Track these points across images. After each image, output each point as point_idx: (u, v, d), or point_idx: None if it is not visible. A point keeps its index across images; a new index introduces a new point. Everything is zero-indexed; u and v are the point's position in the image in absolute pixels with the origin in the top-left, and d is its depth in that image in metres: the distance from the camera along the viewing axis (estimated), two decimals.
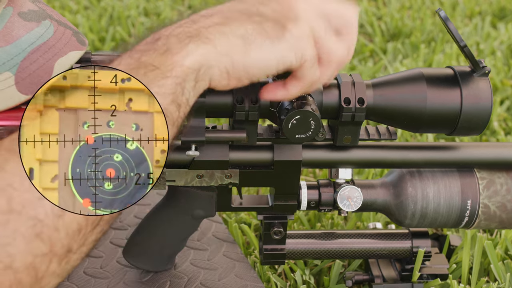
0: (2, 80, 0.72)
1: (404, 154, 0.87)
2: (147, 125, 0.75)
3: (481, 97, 0.81)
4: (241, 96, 0.79)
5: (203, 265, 0.97)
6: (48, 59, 0.74)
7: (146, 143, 0.75)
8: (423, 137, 1.38)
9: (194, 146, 0.80)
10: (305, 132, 0.79)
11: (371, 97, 0.81)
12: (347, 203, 0.88)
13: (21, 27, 0.74)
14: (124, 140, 0.75)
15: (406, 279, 0.97)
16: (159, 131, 0.76)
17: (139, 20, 1.83)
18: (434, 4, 2.06)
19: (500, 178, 0.88)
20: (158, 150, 0.76)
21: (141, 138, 0.76)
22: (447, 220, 0.89)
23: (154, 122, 0.76)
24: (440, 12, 0.78)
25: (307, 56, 0.70)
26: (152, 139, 0.76)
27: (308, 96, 0.79)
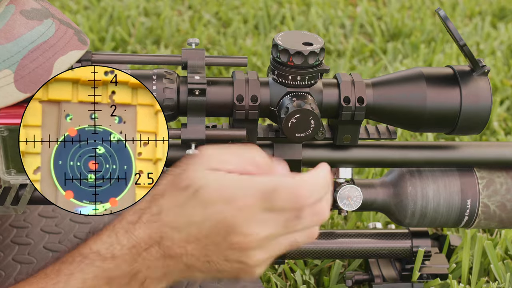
0: (2, 78, 0.72)
1: (404, 153, 0.87)
2: (131, 118, 0.76)
3: (481, 96, 0.81)
4: (241, 95, 0.79)
5: None
6: (48, 58, 0.74)
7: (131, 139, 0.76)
8: (423, 136, 1.38)
9: (194, 145, 0.80)
10: (305, 131, 0.79)
11: (371, 96, 0.81)
12: (347, 202, 0.88)
13: (22, 25, 0.74)
14: (107, 133, 0.76)
15: (406, 278, 0.97)
16: (143, 124, 0.77)
17: (139, 20, 1.83)
18: (434, 4, 2.06)
19: (500, 178, 0.88)
20: (141, 143, 0.76)
21: (126, 135, 0.77)
22: (447, 219, 0.89)
23: (138, 115, 0.77)
24: (440, 12, 0.78)
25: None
26: (136, 135, 0.77)
27: (308, 95, 0.80)
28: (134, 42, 1.74)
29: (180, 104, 0.79)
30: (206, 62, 0.80)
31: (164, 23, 1.81)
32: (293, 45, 0.78)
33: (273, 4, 1.99)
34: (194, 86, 0.78)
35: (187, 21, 1.87)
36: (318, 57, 0.78)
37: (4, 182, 0.80)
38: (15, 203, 0.82)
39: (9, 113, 0.74)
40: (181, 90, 0.79)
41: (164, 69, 0.80)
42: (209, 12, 1.93)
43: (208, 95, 0.79)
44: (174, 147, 0.82)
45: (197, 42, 0.81)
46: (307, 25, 1.85)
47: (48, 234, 1.05)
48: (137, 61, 0.81)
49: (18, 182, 0.79)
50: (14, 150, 0.76)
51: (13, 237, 1.05)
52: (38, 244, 1.03)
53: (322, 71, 0.80)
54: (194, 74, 0.78)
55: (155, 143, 0.77)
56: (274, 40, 0.79)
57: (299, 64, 0.78)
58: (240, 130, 0.81)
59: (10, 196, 0.82)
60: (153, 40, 1.77)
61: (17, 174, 0.78)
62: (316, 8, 1.94)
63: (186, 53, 0.80)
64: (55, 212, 1.09)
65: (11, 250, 1.02)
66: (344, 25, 1.90)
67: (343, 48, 1.76)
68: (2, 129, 0.75)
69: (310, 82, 0.80)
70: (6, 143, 0.76)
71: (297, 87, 0.80)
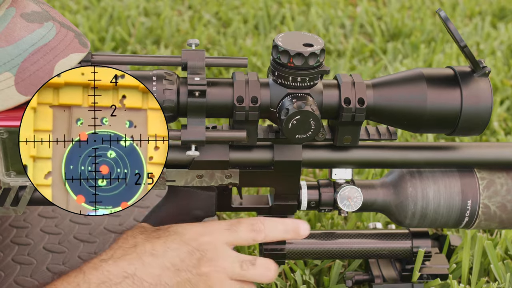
0: (2, 81, 0.72)
1: (404, 154, 0.87)
2: (141, 122, 0.76)
3: (481, 97, 0.81)
4: (241, 96, 0.79)
5: None
6: (49, 61, 0.74)
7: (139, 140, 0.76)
8: (423, 137, 1.38)
9: (194, 146, 0.80)
10: (305, 132, 0.79)
11: (371, 97, 0.81)
12: (347, 203, 0.88)
13: (23, 28, 0.74)
14: (118, 137, 0.76)
15: (406, 279, 0.97)
16: (153, 129, 0.76)
17: (139, 20, 1.83)
18: (434, 4, 2.06)
19: (500, 178, 0.88)
20: (152, 147, 0.77)
21: (136, 136, 0.76)
22: (447, 220, 0.89)
23: (148, 119, 0.77)
24: (440, 12, 0.78)
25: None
26: (147, 139, 0.77)
27: (308, 96, 0.79)
28: (134, 42, 1.74)
29: (180, 105, 0.79)
30: (206, 63, 0.80)
31: (164, 23, 1.81)
32: (293, 46, 0.78)
33: (273, 4, 1.99)
34: (194, 87, 0.78)
35: (187, 21, 1.87)
36: (318, 58, 0.78)
37: (4, 184, 0.80)
38: (15, 204, 0.82)
39: (8, 115, 0.74)
40: (181, 91, 0.79)
41: (164, 70, 0.80)
42: (209, 12, 1.93)
43: (208, 96, 0.79)
44: (174, 148, 0.82)
45: (197, 43, 0.81)
46: (307, 25, 1.85)
47: (48, 234, 1.05)
48: (137, 62, 0.81)
49: (18, 184, 0.79)
50: (14, 152, 0.76)
51: (13, 237, 1.05)
52: (38, 244, 1.03)
53: (323, 72, 0.80)
54: (194, 75, 0.78)
55: (166, 147, 0.77)
56: (274, 41, 0.79)
57: (300, 65, 0.78)
58: (240, 132, 0.81)
59: (10, 197, 0.82)
60: (153, 40, 1.77)
61: (17, 176, 0.78)
62: (316, 8, 1.94)
63: (186, 54, 0.79)
64: (55, 212, 1.09)
65: (11, 250, 1.02)
66: (344, 25, 1.89)
67: (343, 48, 1.76)
68: (1, 131, 0.75)
69: (310, 83, 0.80)
70: (6, 145, 0.76)
71: (298, 88, 0.80)
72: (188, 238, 0.79)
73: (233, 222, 0.82)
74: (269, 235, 0.83)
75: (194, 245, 0.79)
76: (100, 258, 0.77)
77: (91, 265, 0.76)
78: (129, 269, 0.76)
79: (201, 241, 0.79)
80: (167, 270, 0.77)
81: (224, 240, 0.80)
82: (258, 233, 0.82)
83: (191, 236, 0.79)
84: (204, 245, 0.79)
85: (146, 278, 0.76)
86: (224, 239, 0.80)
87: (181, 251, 0.78)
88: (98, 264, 0.76)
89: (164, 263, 0.77)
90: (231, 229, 0.81)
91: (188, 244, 0.79)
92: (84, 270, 0.76)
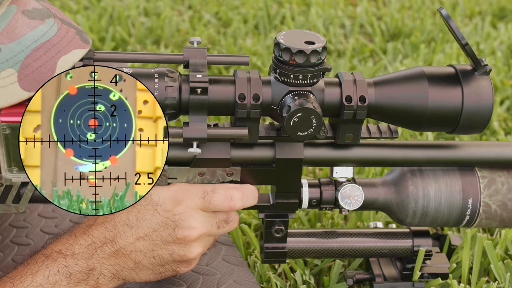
0: (5, 77, 0.72)
1: (406, 152, 0.87)
2: (130, 77, 0.77)
3: (483, 95, 0.81)
4: (243, 94, 0.79)
5: (202, 271, 0.96)
6: (51, 57, 0.74)
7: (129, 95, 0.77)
8: (423, 136, 1.38)
9: (196, 143, 0.80)
10: (306, 130, 0.79)
11: (372, 95, 0.81)
12: (348, 201, 0.88)
13: (24, 24, 0.74)
14: (107, 91, 0.76)
15: (407, 278, 0.97)
16: (142, 83, 0.77)
17: (139, 20, 1.83)
18: (434, 4, 2.06)
19: (501, 177, 0.88)
20: (141, 100, 0.77)
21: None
22: (448, 219, 0.89)
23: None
24: (442, 11, 0.78)
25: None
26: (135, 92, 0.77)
27: (310, 93, 0.79)
28: (134, 42, 1.74)
29: (182, 102, 0.79)
30: (208, 61, 0.80)
31: (164, 23, 1.81)
32: (295, 43, 0.78)
33: (273, 4, 1.99)
34: (196, 84, 0.78)
35: (187, 21, 1.87)
36: (320, 56, 0.78)
37: (5, 180, 0.80)
38: (17, 202, 0.82)
39: (10, 111, 0.74)
40: (183, 88, 0.79)
41: (166, 67, 0.80)
42: (209, 12, 1.93)
43: (210, 94, 0.79)
44: (175, 146, 0.82)
45: (199, 41, 0.81)
46: (307, 25, 1.85)
47: (47, 234, 1.05)
48: (139, 59, 0.81)
49: (20, 180, 0.79)
50: (16, 148, 0.76)
51: (13, 237, 1.04)
52: (37, 244, 1.02)
53: (324, 70, 0.80)
54: (196, 73, 0.78)
55: (155, 101, 0.78)
56: (276, 39, 0.79)
57: (301, 63, 0.78)
58: (242, 129, 0.81)
59: (12, 194, 0.81)
60: (153, 40, 1.77)
61: (19, 172, 0.78)
62: (316, 8, 1.94)
63: (188, 52, 0.79)
64: (55, 212, 1.09)
65: (11, 250, 1.02)
66: (344, 25, 1.90)
67: (343, 48, 1.77)
68: (4, 127, 0.75)
69: (312, 81, 0.80)
70: (8, 141, 0.76)
71: (299, 86, 0.80)
72: (162, 209, 0.81)
73: (207, 190, 0.83)
74: (246, 203, 0.85)
75: (168, 215, 0.81)
76: (86, 224, 0.83)
77: (79, 229, 0.82)
78: (108, 235, 0.81)
79: (175, 211, 0.82)
80: (141, 239, 0.81)
81: (198, 207, 0.83)
82: (233, 201, 0.83)
83: (166, 206, 0.81)
84: (178, 215, 0.82)
85: (122, 244, 0.81)
86: (199, 207, 0.83)
87: (153, 222, 0.81)
88: (84, 229, 0.82)
89: (138, 233, 0.81)
90: (205, 199, 0.83)
91: (162, 215, 0.81)
92: (74, 233, 0.82)
